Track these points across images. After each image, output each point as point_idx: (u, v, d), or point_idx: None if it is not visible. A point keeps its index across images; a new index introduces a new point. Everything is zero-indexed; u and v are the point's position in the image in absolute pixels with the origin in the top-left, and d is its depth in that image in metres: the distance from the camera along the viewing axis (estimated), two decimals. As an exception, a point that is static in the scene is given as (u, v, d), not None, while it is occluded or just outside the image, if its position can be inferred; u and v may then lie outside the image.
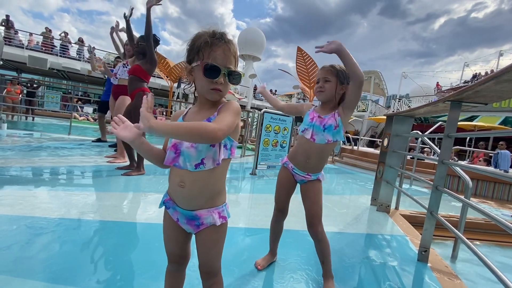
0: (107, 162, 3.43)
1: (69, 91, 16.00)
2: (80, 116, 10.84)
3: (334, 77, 1.30)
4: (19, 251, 1.31)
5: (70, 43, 15.44)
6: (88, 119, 11.46)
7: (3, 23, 13.61)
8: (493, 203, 4.78)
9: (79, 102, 13.01)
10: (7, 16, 13.90)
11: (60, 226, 1.61)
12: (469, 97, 1.48)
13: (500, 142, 7.14)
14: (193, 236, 0.86)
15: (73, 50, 15.48)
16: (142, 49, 3.03)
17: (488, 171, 1.31)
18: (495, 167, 5.39)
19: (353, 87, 1.21)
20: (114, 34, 4.27)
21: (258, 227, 2.04)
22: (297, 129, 5.05)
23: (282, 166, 1.45)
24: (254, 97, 21.09)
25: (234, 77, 0.80)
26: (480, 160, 7.19)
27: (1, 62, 8.46)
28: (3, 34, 12.37)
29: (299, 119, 1.64)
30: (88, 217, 1.78)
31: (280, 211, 1.46)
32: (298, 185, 1.43)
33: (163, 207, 0.88)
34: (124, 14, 3.21)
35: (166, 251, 0.89)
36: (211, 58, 0.77)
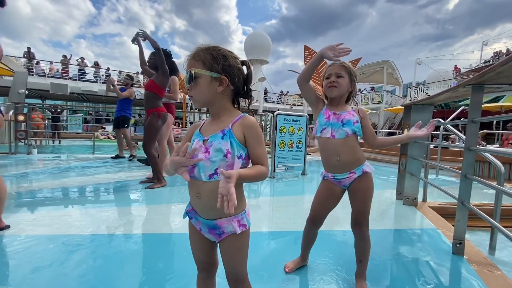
0: (146, 187, 3.09)
1: (90, 112, 16.81)
2: (102, 135, 11.35)
3: (346, 73, 1.28)
4: (58, 268, 1.39)
5: (86, 66, 16.30)
6: (109, 137, 11.99)
7: (25, 55, 14.63)
8: (530, 187, 4.46)
9: (100, 129, 13.57)
10: (28, 48, 14.96)
11: (93, 242, 1.70)
12: (491, 78, 1.41)
13: (532, 121, 6.69)
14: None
15: (90, 74, 16.34)
16: (153, 63, 3.15)
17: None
18: (529, 148, 5.05)
19: (370, 127, 1.32)
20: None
21: (282, 230, 2.04)
22: (311, 128, 5.00)
23: (323, 179, 1.38)
24: (265, 99, 21.13)
25: (187, 79, 0.82)
26: (510, 143, 6.76)
27: (27, 92, 9.05)
28: (23, 65, 13.25)
29: (310, 117, 1.61)
30: (118, 231, 1.86)
31: (314, 223, 1.39)
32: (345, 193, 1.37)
33: (187, 217, 0.90)
34: (133, 40, 3.21)
35: (195, 259, 0.92)
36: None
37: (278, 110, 4.34)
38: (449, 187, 3.96)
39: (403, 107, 2.97)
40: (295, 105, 22.52)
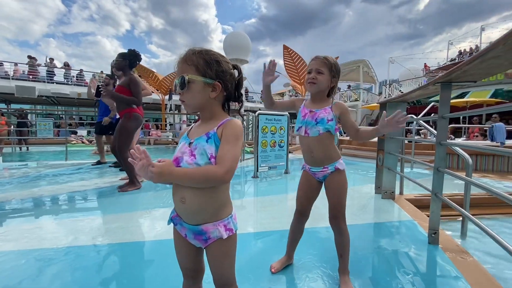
0: (119, 190, 3.11)
1: (61, 116, 15.89)
2: (73, 141, 10.77)
3: (327, 69, 1.31)
4: (30, 286, 1.30)
5: (56, 67, 15.38)
6: (83, 142, 11.41)
7: (-15, 57, 13.51)
8: (494, 176, 4.82)
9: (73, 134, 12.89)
10: (-10, 49, 13.82)
11: (69, 254, 1.60)
12: (458, 77, 1.50)
13: (493, 115, 7.23)
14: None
15: (60, 75, 15.42)
16: (119, 66, 3.08)
17: (486, 148, 1.33)
18: (492, 140, 5.46)
19: (351, 120, 1.33)
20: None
21: (267, 230, 2.04)
22: (293, 126, 5.07)
23: (303, 171, 1.45)
24: (246, 99, 21.11)
25: (179, 84, 0.79)
26: (476, 135, 7.26)
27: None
28: None
29: (293, 116, 1.63)
30: (97, 242, 1.77)
31: (301, 214, 1.44)
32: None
33: (172, 223, 0.88)
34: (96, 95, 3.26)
35: (180, 266, 0.89)
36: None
37: (260, 109, 4.34)
38: (423, 179, 4.19)
39: (379, 105, 3.08)
40: (275, 104, 22.67)
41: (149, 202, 2.74)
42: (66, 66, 15.95)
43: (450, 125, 7.15)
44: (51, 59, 15.48)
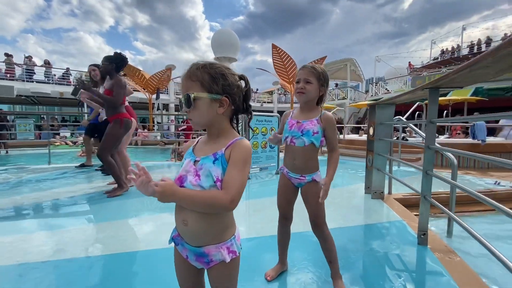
0: (108, 195, 3.03)
1: (42, 116, 15.24)
2: (56, 142, 10.37)
3: (315, 78, 1.31)
4: (17, 305, 1.24)
5: (35, 65, 14.73)
6: (66, 143, 11.00)
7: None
8: (475, 173, 5.03)
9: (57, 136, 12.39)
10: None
11: (57, 268, 1.54)
12: (446, 84, 1.54)
13: (475, 113, 7.52)
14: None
15: (40, 74, 14.79)
16: (105, 70, 3.00)
17: (475, 156, 1.38)
18: (473, 138, 5.68)
19: (332, 137, 1.34)
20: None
21: (261, 235, 2.04)
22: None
23: (280, 173, 1.48)
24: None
25: (184, 102, 0.75)
26: (458, 133, 7.54)
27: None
28: None
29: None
30: (87, 254, 1.71)
31: (284, 217, 1.46)
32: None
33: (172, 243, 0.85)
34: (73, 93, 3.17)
35: (180, 286, 0.87)
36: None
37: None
38: (410, 178, 4.31)
39: (366, 103, 3.14)
40: (265, 102, 22.75)
41: (139, 208, 2.68)
42: (47, 64, 15.31)
43: (421, 121, 7.39)
44: (29, 57, 14.78)
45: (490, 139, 6.18)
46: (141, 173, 0.67)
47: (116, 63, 2.97)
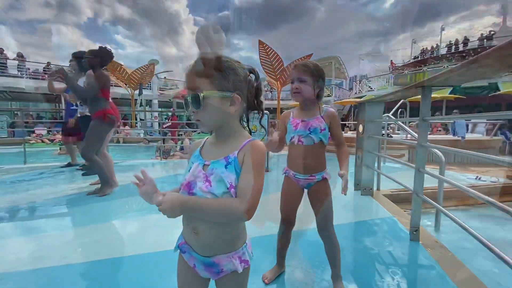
0: (97, 195, 2.90)
1: (16, 112, 14.34)
2: (31, 140, 9.79)
3: (309, 76, 1.28)
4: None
5: (8, 59, 13.82)
6: (43, 141, 10.43)
7: None
8: (456, 168, 5.25)
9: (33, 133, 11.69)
10: None
11: (40, 277, 1.42)
12: (439, 83, 1.56)
13: (454, 111, 7.85)
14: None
15: (13, 68, 13.89)
16: (90, 62, 2.82)
17: (469, 154, 1.41)
18: (453, 134, 5.93)
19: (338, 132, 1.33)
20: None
21: (255, 235, 2.00)
22: (271, 122, 5.05)
23: (284, 176, 1.41)
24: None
25: (191, 102, 0.67)
26: (439, 130, 7.85)
27: None
28: None
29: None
30: (70, 261, 1.59)
31: (287, 222, 1.40)
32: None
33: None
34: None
35: None
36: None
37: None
38: (396, 173, 4.42)
39: (351, 100, 3.18)
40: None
41: (126, 209, 2.56)
42: (20, 57, 14.40)
43: (412, 121, 7.64)
44: (1, 50, 13.84)
45: (469, 136, 6.49)
46: (146, 182, 0.64)
47: (102, 57, 2.80)
